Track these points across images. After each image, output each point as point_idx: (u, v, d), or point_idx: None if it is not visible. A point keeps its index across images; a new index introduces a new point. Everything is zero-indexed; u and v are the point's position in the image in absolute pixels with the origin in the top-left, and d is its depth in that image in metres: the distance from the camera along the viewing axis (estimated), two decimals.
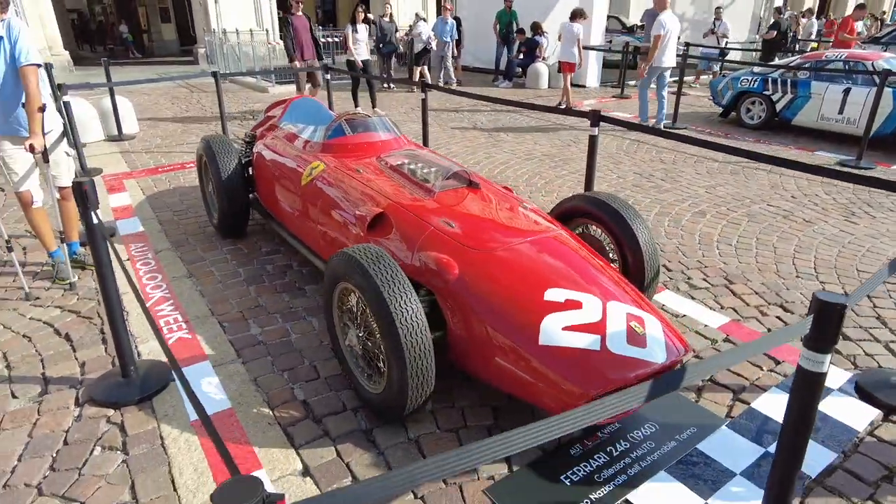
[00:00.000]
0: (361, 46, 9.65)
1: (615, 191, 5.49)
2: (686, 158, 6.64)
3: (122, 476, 2.17)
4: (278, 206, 3.78)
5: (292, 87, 12.36)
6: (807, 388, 1.52)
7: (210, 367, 2.83)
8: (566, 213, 3.13)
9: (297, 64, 8.70)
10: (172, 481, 2.15)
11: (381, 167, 3.22)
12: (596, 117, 3.93)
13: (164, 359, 2.90)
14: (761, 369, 2.82)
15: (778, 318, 3.30)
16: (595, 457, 2.27)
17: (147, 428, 2.43)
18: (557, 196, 5.39)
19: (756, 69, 8.25)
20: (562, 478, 2.17)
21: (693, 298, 3.50)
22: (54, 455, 2.28)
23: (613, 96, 11.08)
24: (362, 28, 9.64)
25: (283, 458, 2.26)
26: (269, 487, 2.13)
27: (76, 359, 2.92)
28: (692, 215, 4.86)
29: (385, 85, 12.06)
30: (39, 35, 15.07)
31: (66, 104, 6.10)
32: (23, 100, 3.23)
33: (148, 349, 3.00)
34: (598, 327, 2.10)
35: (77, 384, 2.72)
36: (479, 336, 2.25)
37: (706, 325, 3.19)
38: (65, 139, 3.67)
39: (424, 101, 5.81)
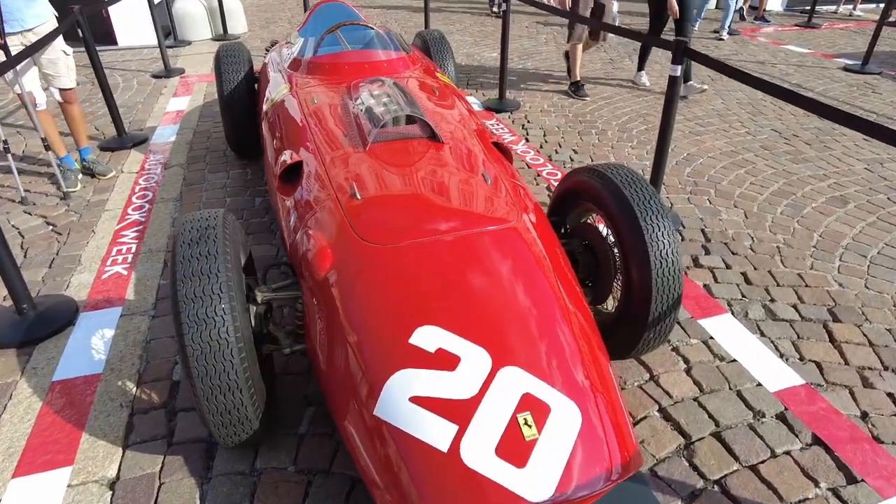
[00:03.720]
0: None
1: (732, 150, 4.13)
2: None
3: None
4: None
5: None
6: None
7: (117, 317, 2.50)
8: (571, 192, 2.19)
9: (568, 2, 4.79)
10: None
11: (342, 98, 2.48)
12: (680, 49, 2.74)
13: (83, 295, 2.64)
14: (815, 484, 1.79)
15: (890, 395, 2.12)
16: None
17: (6, 380, 2.17)
18: (650, 150, 4.20)
19: None
20: None
21: (762, 334, 2.40)
22: None
23: (797, 24, 8.65)
24: None
25: (103, 458, 1.86)
26: (58, 496, 1.74)
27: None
28: (825, 201, 3.45)
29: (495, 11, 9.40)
30: None
31: (166, 1, 6.02)
32: None
33: (79, 281, 2.74)
34: (462, 410, 1.30)
35: None
36: (335, 371, 1.55)
37: (758, 385, 2.14)
38: (61, 36, 3.41)
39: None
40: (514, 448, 1.24)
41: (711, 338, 2.37)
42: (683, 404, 2.06)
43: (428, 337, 1.41)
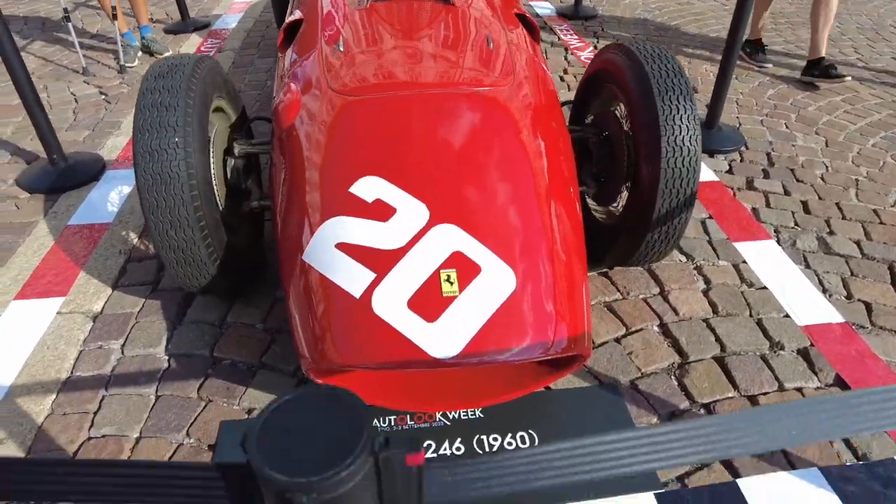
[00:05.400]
0: None
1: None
2: None
3: None
4: None
5: None
6: None
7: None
8: (597, 73, 1.93)
9: None
10: None
11: None
12: None
13: (114, 156, 2.74)
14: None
15: None
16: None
17: (30, 219, 2.31)
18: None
19: None
20: None
21: (807, 266, 2.08)
22: None
23: None
24: None
25: (93, 293, 1.94)
26: (48, 319, 1.84)
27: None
28: None
29: None
30: None
31: None
32: None
33: (113, 144, 2.84)
34: (384, 259, 1.19)
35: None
36: (284, 219, 1.45)
37: (786, 316, 1.86)
38: None
39: None
40: (428, 302, 1.13)
41: (744, 262, 2.08)
42: (689, 323, 1.83)
43: (369, 187, 1.29)
